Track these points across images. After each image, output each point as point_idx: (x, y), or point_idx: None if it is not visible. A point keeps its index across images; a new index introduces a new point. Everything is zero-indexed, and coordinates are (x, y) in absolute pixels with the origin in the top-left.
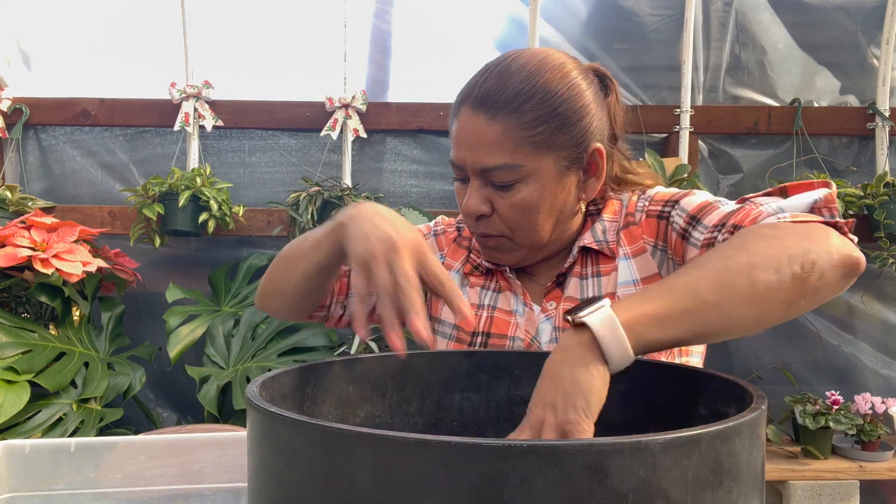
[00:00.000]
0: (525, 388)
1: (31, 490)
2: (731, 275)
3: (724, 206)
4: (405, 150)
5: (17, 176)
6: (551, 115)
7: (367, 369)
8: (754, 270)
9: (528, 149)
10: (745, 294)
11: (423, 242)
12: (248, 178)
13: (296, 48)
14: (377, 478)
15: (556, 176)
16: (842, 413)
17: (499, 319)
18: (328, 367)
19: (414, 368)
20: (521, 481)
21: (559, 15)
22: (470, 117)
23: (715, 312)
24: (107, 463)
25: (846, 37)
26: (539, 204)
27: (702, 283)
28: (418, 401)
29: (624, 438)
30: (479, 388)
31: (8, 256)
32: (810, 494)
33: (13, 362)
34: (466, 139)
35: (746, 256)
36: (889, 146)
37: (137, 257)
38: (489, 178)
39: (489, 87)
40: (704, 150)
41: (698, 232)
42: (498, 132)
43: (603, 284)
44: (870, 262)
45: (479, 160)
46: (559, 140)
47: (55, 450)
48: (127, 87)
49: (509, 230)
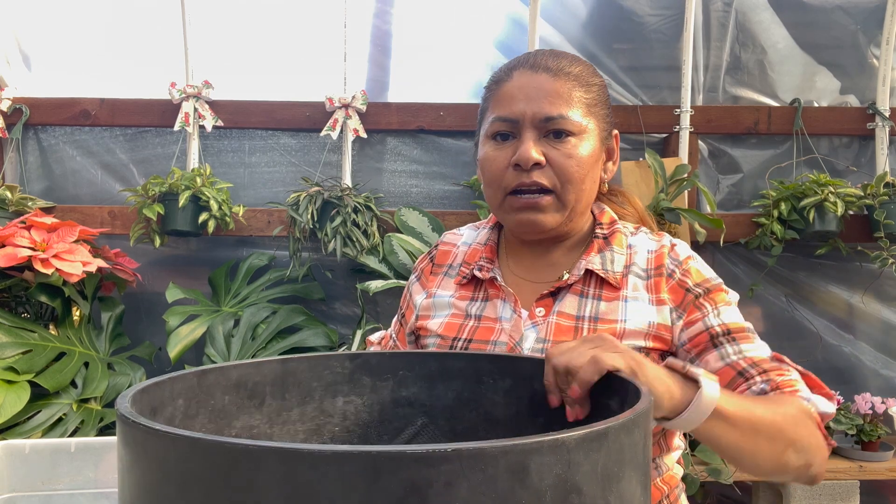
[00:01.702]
0: (409, 388)
1: (31, 490)
2: (780, 434)
3: (757, 341)
4: (405, 150)
5: (17, 176)
6: (598, 88)
7: (244, 376)
8: (791, 448)
9: (584, 108)
10: (772, 453)
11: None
12: (248, 178)
13: (296, 48)
14: (291, 496)
15: (599, 142)
16: (842, 413)
17: (483, 328)
18: (202, 377)
19: (295, 374)
20: (446, 487)
21: (559, 15)
22: (530, 75)
23: (751, 445)
24: (107, 463)
25: (846, 37)
26: (587, 161)
27: (769, 424)
28: (298, 407)
29: (543, 437)
30: (362, 391)
31: (8, 256)
32: (810, 494)
33: (13, 362)
34: (527, 92)
35: (794, 431)
36: (889, 146)
37: (137, 257)
38: (549, 127)
39: (545, 55)
40: (704, 150)
41: (733, 350)
42: (561, 85)
43: (602, 309)
44: (870, 263)
45: (542, 109)
46: (602, 112)
47: (55, 450)
48: (127, 87)
49: (560, 183)
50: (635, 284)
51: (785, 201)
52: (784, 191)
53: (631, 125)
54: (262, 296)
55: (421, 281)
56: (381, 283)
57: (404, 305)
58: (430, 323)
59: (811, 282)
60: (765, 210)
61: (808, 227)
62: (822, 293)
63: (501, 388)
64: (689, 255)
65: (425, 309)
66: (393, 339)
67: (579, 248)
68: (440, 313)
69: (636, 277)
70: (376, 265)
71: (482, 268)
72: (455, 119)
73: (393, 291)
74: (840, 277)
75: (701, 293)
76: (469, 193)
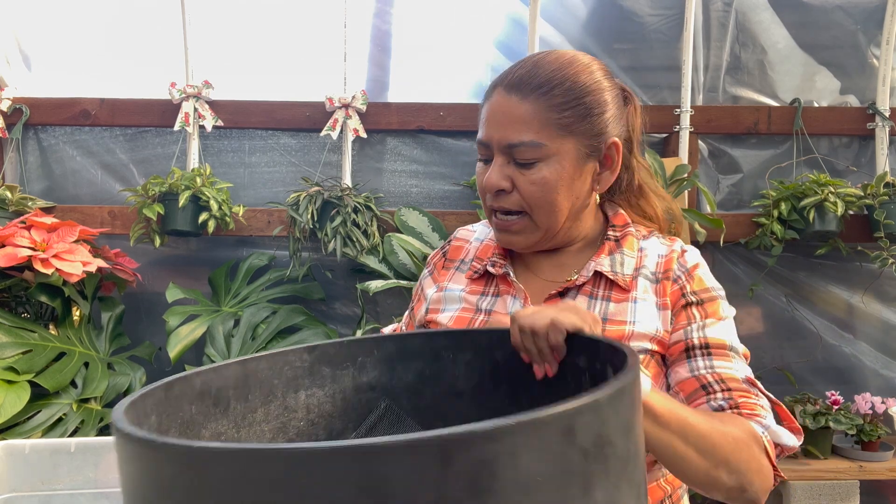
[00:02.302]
0: (369, 373)
1: (31, 490)
2: (712, 449)
3: (735, 361)
4: (405, 150)
5: (17, 176)
6: (577, 102)
7: (207, 383)
8: (723, 466)
9: (553, 130)
10: (702, 465)
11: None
12: (248, 178)
13: (296, 48)
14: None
15: (576, 161)
16: (842, 413)
17: (494, 323)
18: (169, 389)
19: (255, 374)
20: (511, 457)
21: (559, 15)
22: (502, 98)
23: (679, 452)
24: (107, 463)
25: (846, 37)
26: (558, 185)
27: (702, 436)
28: (263, 407)
29: (583, 398)
30: (323, 382)
31: (8, 256)
32: (810, 494)
33: (13, 362)
34: (496, 117)
35: (731, 451)
36: (889, 146)
37: (137, 257)
38: (513, 154)
39: (523, 73)
40: (704, 150)
41: (704, 363)
42: (527, 111)
43: (612, 310)
44: (870, 263)
45: (506, 136)
46: (582, 127)
47: (55, 450)
48: (127, 87)
49: (529, 207)
50: (645, 287)
51: (785, 201)
52: (784, 191)
53: None
54: (262, 296)
55: (433, 275)
56: (381, 283)
57: (415, 299)
58: (441, 316)
59: (811, 282)
60: (765, 210)
61: (808, 227)
62: (822, 293)
63: (461, 360)
64: (698, 263)
65: (435, 302)
66: (403, 331)
67: (590, 249)
68: (450, 307)
69: (646, 280)
70: (376, 265)
71: (495, 263)
72: (455, 119)
73: (393, 291)
74: (840, 277)
75: (694, 302)
76: (469, 193)
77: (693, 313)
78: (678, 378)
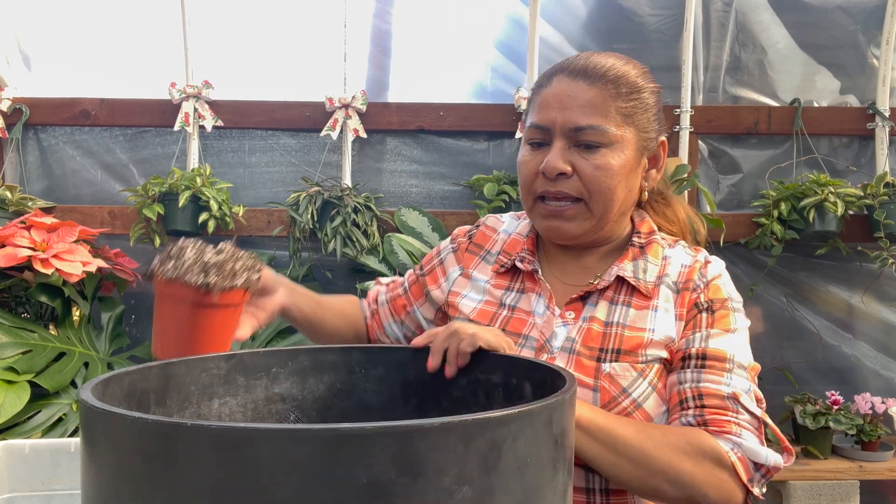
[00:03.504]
0: (282, 384)
1: (31, 490)
2: (645, 460)
3: (730, 375)
4: (405, 150)
5: (17, 176)
6: (639, 95)
7: (134, 383)
8: (660, 476)
9: (619, 118)
10: (635, 475)
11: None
12: (248, 178)
13: (296, 48)
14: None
15: (636, 152)
16: (842, 413)
17: (516, 319)
18: (104, 388)
19: (175, 378)
20: (513, 441)
21: (559, 15)
22: (567, 82)
23: (610, 461)
24: None
25: (846, 37)
26: (619, 172)
27: (632, 447)
28: (178, 413)
29: (558, 396)
30: (236, 391)
31: (8, 256)
32: (810, 494)
33: (13, 362)
34: (561, 100)
35: (669, 462)
36: (889, 146)
37: (137, 257)
38: (579, 137)
39: (588, 62)
40: (704, 150)
41: (692, 377)
42: (596, 95)
43: (632, 316)
44: (870, 263)
45: (572, 119)
46: (643, 119)
47: (55, 450)
48: (127, 87)
49: (588, 193)
50: (667, 296)
51: (785, 201)
52: (784, 191)
53: None
54: None
55: (457, 254)
56: None
57: (428, 265)
58: (463, 304)
59: (811, 282)
60: (765, 210)
61: (808, 227)
62: (822, 293)
63: (374, 376)
64: (719, 274)
65: (459, 286)
66: (405, 287)
67: (614, 254)
68: (474, 297)
69: (668, 289)
70: (376, 265)
71: (524, 259)
72: (455, 119)
73: None
74: (840, 277)
75: (704, 308)
76: (469, 193)
77: (700, 322)
78: (667, 387)
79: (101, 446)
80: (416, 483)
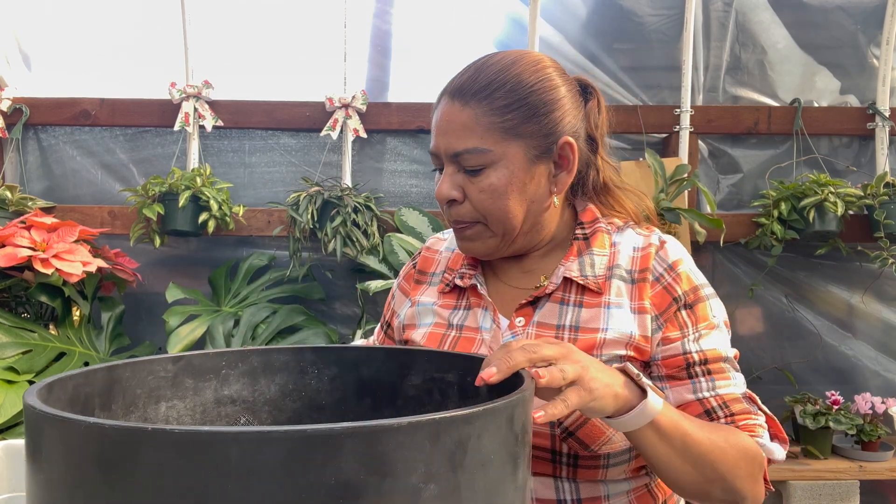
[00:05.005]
0: (232, 386)
1: None
2: (709, 467)
3: (732, 375)
4: (405, 150)
5: (17, 176)
6: (521, 103)
7: (78, 387)
8: (718, 482)
9: (497, 134)
10: (696, 480)
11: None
12: (248, 178)
13: (296, 48)
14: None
15: (525, 164)
16: (842, 413)
17: (465, 339)
18: (49, 392)
19: (120, 381)
20: (478, 438)
21: (559, 15)
22: (446, 104)
23: (676, 465)
24: None
25: (846, 37)
26: (507, 189)
27: (702, 454)
28: (123, 418)
29: (519, 392)
30: (185, 394)
31: (8, 256)
32: (810, 494)
33: (13, 362)
34: (441, 126)
35: (728, 470)
36: (889, 146)
37: (137, 257)
38: (460, 162)
39: (466, 78)
40: (704, 150)
41: (707, 385)
42: (469, 117)
43: (584, 317)
44: (870, 263)
45: (451, 145)
46: (528, 128)
47: None
48: (127, 87)
49: (482, 216)
50: (619, 288)
51: (785, 201)
52: (784, 191)
53: (631, 125)
54: (262, 296)
55: (402, 287)
56: (381, 283)
57: (387, 312)
58: (415, 333)
59: (811, 282)
60: (765, 210)
61: (808, 227)
62: (822, 293)
63: (326, 376)
64: (680, 258)
65: (410, 318)
66: (375, 344)
67: (558, 251)
68: (424, 322)
69: (620, 281)
70: (376, 265)
71: (463, 275)
72: None
73: None
74: (840, 277)
75: (684, 305)
76: None
77: (685, 321)
78: (681, 399)
79: (52, 454)
80: (384, 482)
